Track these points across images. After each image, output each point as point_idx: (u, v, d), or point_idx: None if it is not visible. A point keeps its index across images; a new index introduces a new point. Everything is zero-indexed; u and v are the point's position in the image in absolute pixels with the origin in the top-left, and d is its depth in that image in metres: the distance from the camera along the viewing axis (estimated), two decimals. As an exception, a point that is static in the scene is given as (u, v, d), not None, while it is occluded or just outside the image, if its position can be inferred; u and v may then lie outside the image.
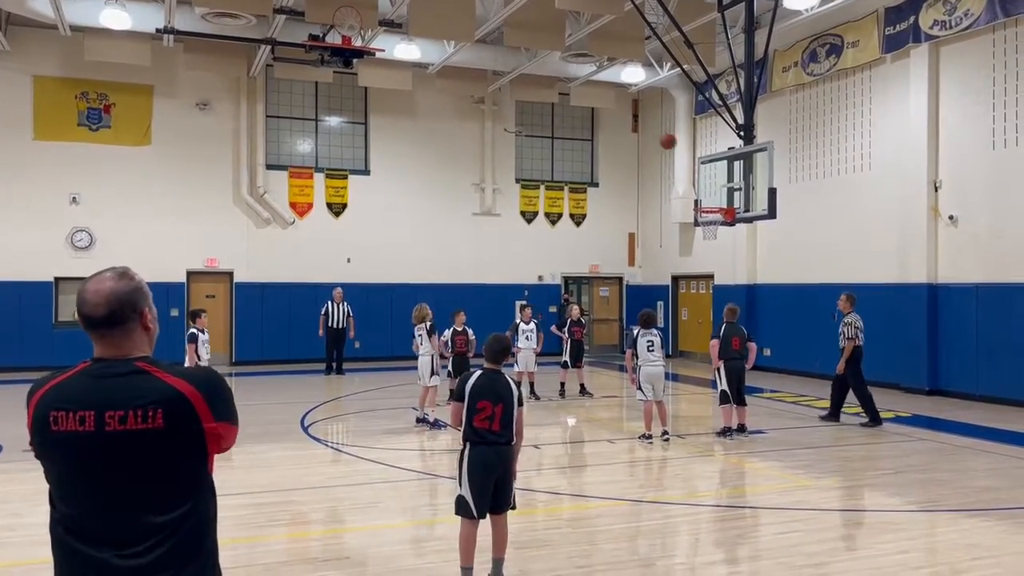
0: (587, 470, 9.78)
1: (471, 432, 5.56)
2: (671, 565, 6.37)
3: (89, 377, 2.30)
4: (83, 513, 2.26)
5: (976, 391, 14.66)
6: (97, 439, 2.21)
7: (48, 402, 2.28)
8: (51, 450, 2.29)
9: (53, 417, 2.25)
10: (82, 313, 2.33)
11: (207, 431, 2.30)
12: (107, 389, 2.25)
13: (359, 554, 6.50)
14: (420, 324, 12.23)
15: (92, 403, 2.23)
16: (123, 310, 2.33)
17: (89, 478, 2.25)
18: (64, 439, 2.24)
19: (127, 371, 2.29)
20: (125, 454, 2.22)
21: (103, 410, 2.22)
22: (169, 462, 2.27)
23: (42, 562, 6.34)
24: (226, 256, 20.73)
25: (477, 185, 23.13)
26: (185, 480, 2.31)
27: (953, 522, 7.35)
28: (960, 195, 15.13)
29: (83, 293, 2.33)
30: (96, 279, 2.36)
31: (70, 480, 2.28)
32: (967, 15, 14.56)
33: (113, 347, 2.34)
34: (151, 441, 2.22)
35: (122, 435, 2.21)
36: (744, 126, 13.89)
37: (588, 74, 21.15)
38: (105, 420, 2.21)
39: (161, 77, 19.92)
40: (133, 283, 2.38)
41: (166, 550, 2.24)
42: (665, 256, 23.73)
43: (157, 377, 2.28)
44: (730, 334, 11.22)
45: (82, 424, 2.22)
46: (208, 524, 2.36)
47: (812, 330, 18.25)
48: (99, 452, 2.22)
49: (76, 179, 19.50)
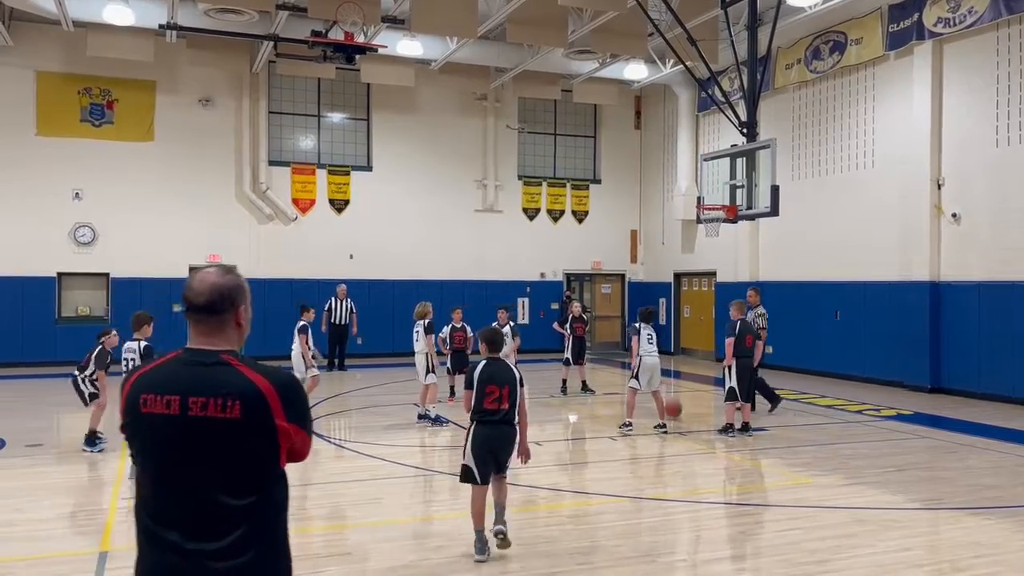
0: (589, 467, 9.77)
1: (481, 412, 6.22)
2: (672, 562, 6.37)
3: (178, 364, 2.49)
4: (161, 494, 2.42)
5: (978, 389, 14.64)
6: (180, 422, 2.39)
7: (140, 386, 2.48)
8: (139, 431, 2.48)
9: (143, 400, 2.44)
10: (186, 298, 2.54)
11: (279, 428, 2.42)
12: (193, 377, 2.43)
13: (361, 550, 6.51)
14: (419, 321, 12.26)
15: (178, 388, 2.41)
16: (222, 301, 2.52)
17: (169, 459, 2.42)
18: (151, 420, 2.43)
19: (212, 362, 2.46)
20: (203, 439, 2.38)
21: (187, 396, 2.39)
22: (243, 452, 2.40)
23: (44, 558, 6.37)
24: (228, 252, 20.69)
25: (479, 182, 23.12)
26: (257, 470, 2.44)
27: (955, 520, 7.35)
28: (963, 193, 15.10)
29: (191, 281, 2.55)
30: (204, 271, 2.58)
31: (152, 460, 2.46)
32: (971, 12, 14.52)
33: (205, 335, 2.52)
34: (227, 430, 2.38)
35: (202, 421, 2.38)
36: (747, 123, 13.85)
37: (591, 71, 21.13)
38: (188, 405, 2.39)
39: (164, 73, 19.92)
40: (235, 280, 2.59)
41: (238, 535, 2.37)
42: (667, 253, 23.71)
43: (239, 371, 2.45)
44: (744, 331, 11.20)
45: (168, 407, 2.40)
46: (279, 512, 2.50)
47: (814, 328, 18.27)
48: (180, 435, 2.39)
49: (79, 175, 19.51)
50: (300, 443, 2.51)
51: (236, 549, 2.36)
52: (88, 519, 7.53)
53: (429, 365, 12.07)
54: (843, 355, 17.52)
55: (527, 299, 23.30)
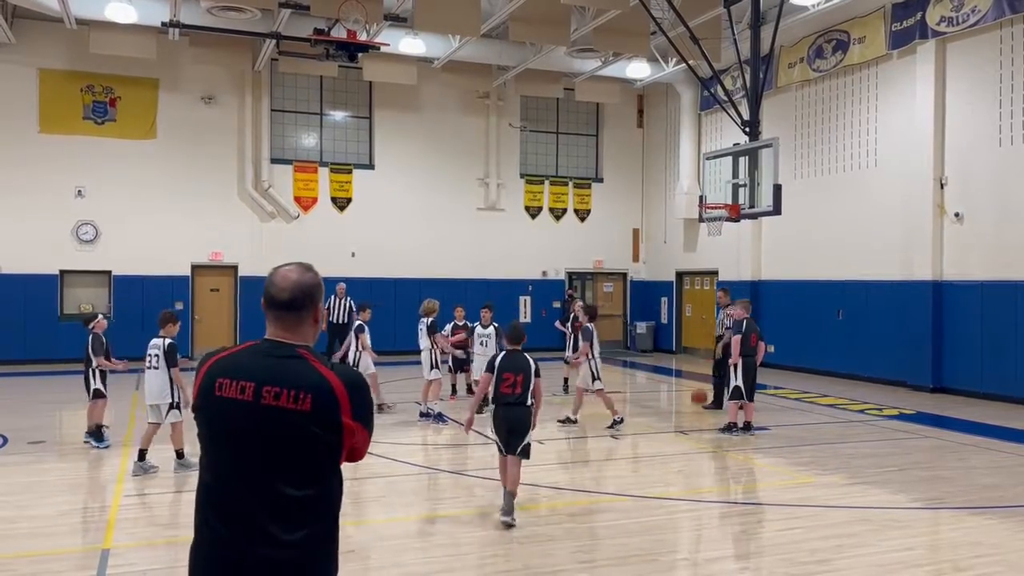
0: (590, 465, 9.77)
1: (498, 396, 7.11)
2: (674, 561, 6.37)
3: (256, 354, 2.57)
4: (223, 478, 2.50)
5: (980, 389, 14.63)
6: (253, 409, 2.46)
7: (216, 370, 2.56)
8: (211, 413, 2.55)
9: (219, 384, 2.52)
10: (269, 294, 2.62)
11: (345, 426, 2.49)
12: (269, 367, 2.51)
13: (363, 547, 6.51)
14: (424, 318, 12.27)
15: (254, 376, 2.49)
16: (303, 299, 2.61)
17: (237, 443, 2.49)
18: (224, 404, 2.50)
19: (289, 355, 2.55)
20: (272, 428, 2.45)
21: (262, 384, 2.47)
22: (309, 444, 2.46)
23: (46, 554, 6.37)
24: (231, 250, 20.74)
25: (482, 180, 23.11)
26: (320, 463, 2.50)
27: (956, 519, 7.34)
28: (966, 192, 15.08)
29: (273, 277, 2.64)
30: (285, 268, 2.66)
31: (220, 444, 2.53)
32: (974, 11, 14.49)
33: (284, 330, 2.60)
34: (297, 421, 2.44)
35: (274, 410, 2.45)
36: (749, 122, 13.84)
37: (593, 69, 21.11)
38: (262, 393, 2.46)
39: (166, 71, 19.93)
40: (316, 278, 2.67)
41: (295, 525, 2.43)
42: (669, 252, 23.70)
43: (313, 366, 2.53)
44: (751, 330, 11.21)
45: (242, 393, 2.48)
46: (333, 507, 2.56)
47: (816, 327, 18.25)
48: (252, 421, 2.46)
49: (81, 172, 19.52)
50: (361, 442, 2.58)
51: (292, 539, 2.42)
52: (90, 516, 7.55)
53: (433, 361, 12.09)
54: (845, 354, 17.51)
55: (529, 297, 23.30)
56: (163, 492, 8.16)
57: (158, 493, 8.13)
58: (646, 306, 24.54)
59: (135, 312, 19.44)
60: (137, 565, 5.93)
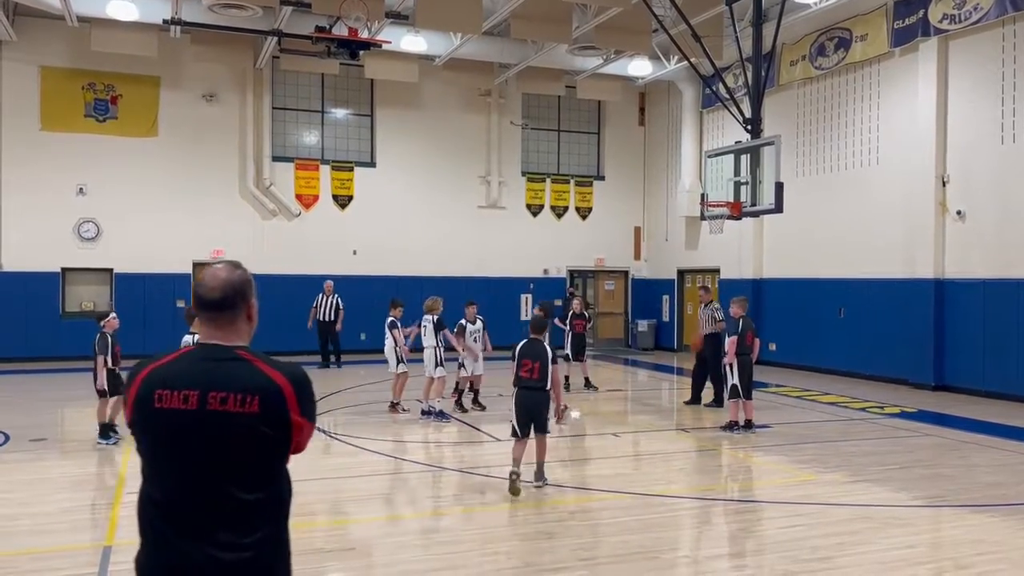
0: (591, 463, 9.77)
1: (518, 380, 7.92)
2: (676, 558, 6.37)
3: (194, 360, 2.51)
4: (171, 489, 2.44)
5: (982, 387, 14.61)
6: (199, 417, 2.41)
7: (153, 381, 2.47)
8: (152, 426, 2.47)
9: (158, 395, 2.44)
10: (199, 295, 2.58)
11: (293, 423, 2.48)
12: (211, 372, 2.46)
13: (364, 545, 6.51)
14: (428, 315, 12.23)
15: (197, 384, 2.43)
16: (235, 296, 2.58)
17: (185, 453, 2.43)
18: (166, 416, 2.43)
19: (229, 357, 2.51)
20: (223, 433, 2.41)
21: (207, 391, 2.42)
22: (259, 445, 2.45)
23: (48, 551, 6.38)
24: (232, 248, 20.71)
25: (483, 178, 23.11)
26: (270, 464, 2.50)
27: (958, 517, 7.34)
28: (968, 190, 15.06)
29: (202, 278, 2.61)
30: (214, 267, 2.64)
31: (166, 455, 2.46)
32: (976, 9, 14.47)
33: (219, 330, 2.56)
34: (246, 423, 2.42)
35: (222, 415, 2.41)
36: (751, 120, 13.83)
37: (595, 67, 21.10)
38: (208, 400, 2.41)
39: (168, 68, 19.93)
40: (245, 275, 2.64)
41: (247, 528, 2.42)
42: (671, 250, 23.69)
43: (256, 366, 2.50)
44: (747, 329, 11.20)
45: (186, 402, 2.42)
46: (284, 507, 2.56)
47: (818, 325, 18.25)
48: (198, 429, 2.41)
49: (83, 170, 19.53)
50: (307, 436, 2.56)
51: (248, 543, 2.41)
52: (93, 513, 7.56)
53: (438, 359, 12.05)
54: (847, 352, 17.50)
55: (530, 295, 23.30)
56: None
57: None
58: (647, 304, 24.54)
59: (137, 310, 19.46)
60: (139, 562, 5.93)
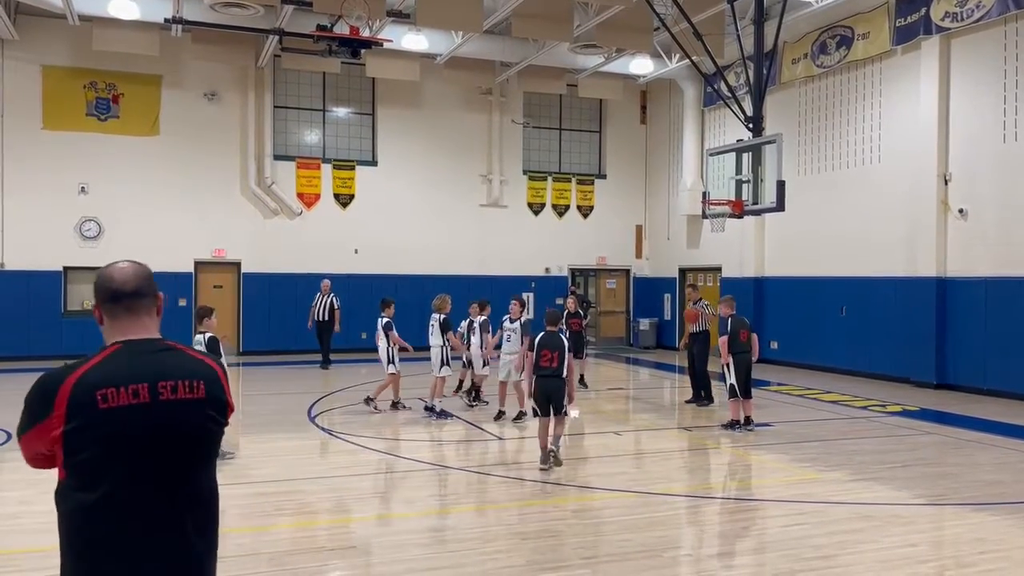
0: (593, 462, 9.77)
1: (538, 368, 8.90)
2: (677, 557, 6.37)
3: (131, 356, 2.45)
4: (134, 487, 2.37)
5: (984, 385, 14.60)
6: (153, 408, 2.39)
7: (89, 384, 2.36)
8: (100, 429, 2.35)
9: (101, 396, 2.35)
10: (112, 290, 2.51)
11: (228, 404, 2.57)
12: (155, 363, 2.44)
13: (366, 543, 6.52)
14: (435, 314, 12.22)
15: (144, 377, 2.40)
16: (148, 285, 2.57)
17: (143, 448, 2.38)
18: (117, 414, 2.36)
19: (163, 348, 2.51)
20: (175, 422, 2.42)
21: (156, 381, 2.40)
22: (208, 430, 2.50)
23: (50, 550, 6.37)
24: (234, 247, 20.76)
25: (484, 176, 23.10)
26: (214, 447, 2.56)
27: (960, 516, 7.34)
28: (970, 188, 15.04)
29: (110, 273, 2.55)
30: (115, 264, 2.60)
31: (122, 455, 2.37)
32: (978, 7, 14.45)
33: (137, 322, 2.52)
34: (196, 410, 2.45)
35: (175, 403, 2.42)
36: (753, 118, 13.83)
37: (596, 65, 21.08)
38: (159, 390, 2.40)
39: (169, 67, 19.93)
40: (148, 269, 2.64)
41: (203, 513, 2.48)
42: (672, 248, 23.68)
43: (189, 355, 2.54)
44: (737, 327, 11.20)
45: (136, 397, 2.37)
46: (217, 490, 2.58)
47: (819, 323, 18.24)
48: (154, 421, 2.39)
49: (84, 169, 19.54)
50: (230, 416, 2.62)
51: (205, 535, 2.46)
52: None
53: (444, 358, 12.04)
54: (849, 351, 17.49)
55: (532, 294, 23.28)
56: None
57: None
58: (649, 302, 24.53)
59: (138, 309, 19.47)
60: (141, 561, 5.93)
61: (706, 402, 13.26)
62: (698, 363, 13.38)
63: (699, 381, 13.38)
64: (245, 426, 12.17)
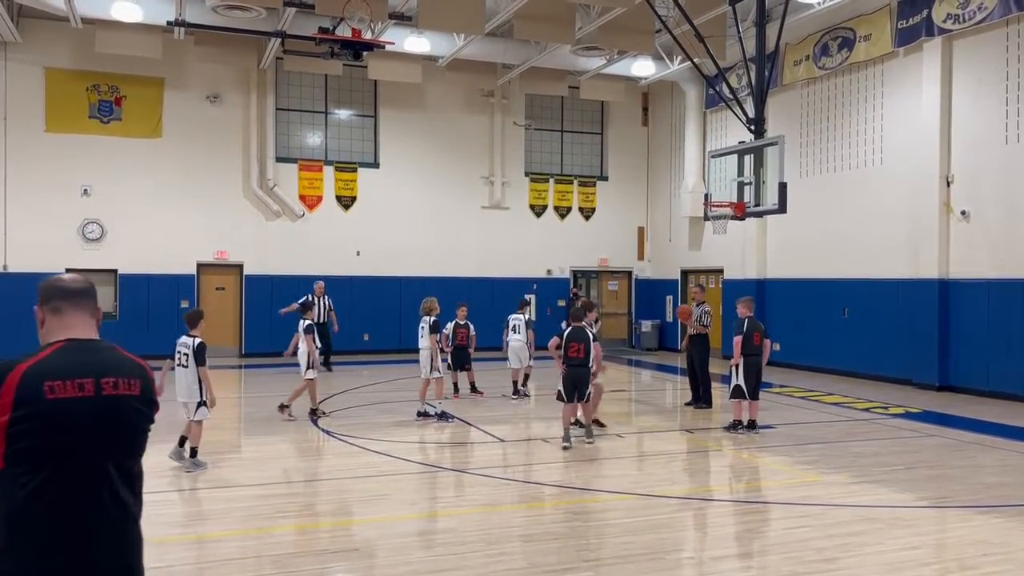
0: (595, 464, 9.77)
1: (567, 359, 10.03)
2: (680, 559, 6.37)
3: (77, 352, 2.62)
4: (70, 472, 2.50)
5: (987, 387, 14.58)
6: (96, 402, 2.55)
7: (37, 375, 2.49)
8: (45, 420, 2.47)
9: (48, 387, 2.48)
10: (61, 288, 2.74)
11: (156, 403, 2.76)
12: (99, 360, 2.62)
13: (368, 546, 6.52)
14: (425, 317, 12.26)
15: (90, 371, 2.57)
16: (93, 289, 2.80)
17: (85, 442, 2.52)
18: (62, 406, 2.49)
19: (105, 347, 2.69)
20: (115, 416, 2.59)
21: (100, 377, 2.57)
22: (141, 424, 2.68)
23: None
24: (236, 248, 20.78)
25: (486, 178, 23.12)
26: (144, 442, 2.71)
27: (963, 518, 7.33)
28: (972, 190, 15.03)
29: (58, 278, 2.80)
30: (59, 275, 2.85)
31: (65, 446, 2.50)
32: (980, 8, 14.44)
33: (84, 322, 2.71)
34: (134, 406, 2.64)
35: (116, 399, 2.59)
36: (755, 120, 13.82)
37: (598, 67, 21.09)
38: (102, 385, 2.57)
39: (172, 70, 19.97)
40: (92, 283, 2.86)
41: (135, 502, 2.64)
42: (674, 250, 23.67)
43: (124, 354, 2.72)
44: (752, 329, 11.18)
45: (81, 390, 2.52)
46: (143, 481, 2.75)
47: (822, 325, 18.22)
48: (97, 414, 2.54)
49: (87, 171, 19.57)
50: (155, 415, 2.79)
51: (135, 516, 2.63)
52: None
53: (434, 360, 12.06)
54: (851, 353, 17.47)
55: (534, 296, 23.29)
56: (170, 491, 8.18)
57: (164, 491, 8.14)
58: (651, 304, 24.53)
59: (141, 311, 19.53)
60: (143, 563, 5.93)
61: (704, 405, 13.24)
62: (698, 366, 13.36)
63: (699, 384, 13.35)
64: (247, 428, 12.18)
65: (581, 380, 10.03)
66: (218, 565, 5.94)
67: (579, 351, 9.98)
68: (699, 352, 13.33)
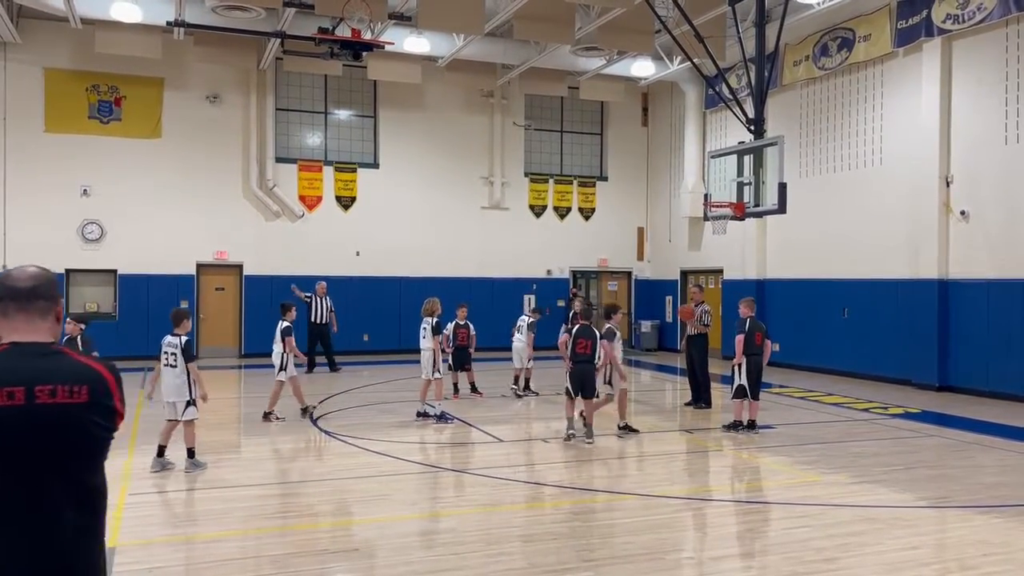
0: (595, 464, 9.77)
1: (574, 355, 10.37)
2: (679, 559, 6.37)
3: (12, 357, 2.46)
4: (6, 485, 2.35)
5: (986, 387, 14.59)
6: (27, 412, 2.37)
7: None
8: None
9: None
10: (8, 286, 2.54)
11: (116, 411, 2.54)
12: (35, 367, 2.43)
13: (368, 546, 6.52)
14: (427, 318, 12.25)
15: (21, 380, 2.39)
16: (47, 287, 2.58)
17: (15, 454, 2.36)
18: None
19: (49, 352, 2.51)
20: (52, 426, 2.40)
21: (33, 385, 2.39)
22: (90, 436, 2.47)
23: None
24: (235, 249, 20.78)
25: (486, 179, 23.12)
26: (97, 453, 2.52)
27: (963, 518, 7.33)
28: (972, 190, 15.04)
29: (9, 272, 2.59)
30: (18, 267, 2.63)
31: None
32: (980, 9, 14.45)
33: (30, 325, 2.52)
34: (76, 414, 2.43)
35: (52, 407, 2.40)
36: (754, 120, 13.83)
37: (598, 68, 21.09)
38: (35, 394, 2.38)
39: (171, 70, 19.97)
40: (52, 274, 2.66)
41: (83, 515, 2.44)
42: (674, 250, 23.67)
43: (77, 359, 2.53)
44: (754, 329, 11.21)
45: (11, 399, 2.36)
46: (105, 499, 2.56)
47: (821, 325, 18.22)
48: (28, 425, 2.37)
49: (87, 171, 19.57)
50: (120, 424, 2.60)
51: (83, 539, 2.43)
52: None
53: (435, 361, 12.07)
54: (851, 353, 17.48)
55: (534, 296, 23.30)
56: (170, 491, 8.18)
57: (164, 492, 8.14)
58: (651, 305, 24.53)
59: (140, 311, 19.51)
60: (143, 563, 5.94)
61: (704, 406, 13.24)
62: (698, 366, 13.36)
63: (699, 384, 13.35)
64: (246, 428, 12.18)
65: (587, 375, 10.29)
66: (218, 565, 5.94)
67: (586, 347, 10.30)
68: (699, 352, 13.34)
